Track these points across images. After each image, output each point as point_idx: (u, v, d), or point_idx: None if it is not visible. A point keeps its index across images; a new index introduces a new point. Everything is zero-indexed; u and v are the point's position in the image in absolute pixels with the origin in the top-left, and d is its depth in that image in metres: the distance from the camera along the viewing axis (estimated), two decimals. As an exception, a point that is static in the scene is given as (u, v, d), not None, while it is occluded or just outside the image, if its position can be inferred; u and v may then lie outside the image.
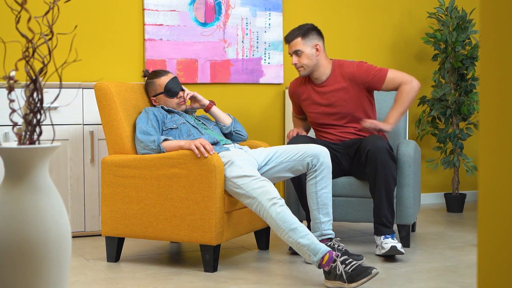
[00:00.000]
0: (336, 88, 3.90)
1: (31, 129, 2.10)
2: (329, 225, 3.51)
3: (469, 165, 5.16)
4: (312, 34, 3.87)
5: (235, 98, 4.96)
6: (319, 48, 3.87)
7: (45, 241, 2.04)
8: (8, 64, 4.33)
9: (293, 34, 3.88)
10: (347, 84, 3.88)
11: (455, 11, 5.08)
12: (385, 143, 3.61)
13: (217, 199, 3.30)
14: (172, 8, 4.71)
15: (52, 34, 2.12)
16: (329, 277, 3.03)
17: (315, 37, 3.88)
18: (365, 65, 3.90)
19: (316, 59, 3.87)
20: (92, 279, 3.24)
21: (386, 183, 3.60)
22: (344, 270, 2.98)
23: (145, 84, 3.82)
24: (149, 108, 3.64)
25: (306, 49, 3.85)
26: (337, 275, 2.99)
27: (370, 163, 3.61)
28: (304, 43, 3.85)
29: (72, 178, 4.15)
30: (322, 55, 3.89)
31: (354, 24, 5.28)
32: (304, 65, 3.87)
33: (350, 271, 2.98)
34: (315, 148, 3.50)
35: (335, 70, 3.92)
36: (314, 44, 3.87)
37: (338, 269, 2.99)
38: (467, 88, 5.14)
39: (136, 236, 3.47)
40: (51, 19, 4.46)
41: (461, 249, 3.86)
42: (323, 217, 3.49)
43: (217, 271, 3.38)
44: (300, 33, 3.86)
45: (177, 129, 3.61)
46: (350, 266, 2.99)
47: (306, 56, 3.86)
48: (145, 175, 3.43)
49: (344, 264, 3.01)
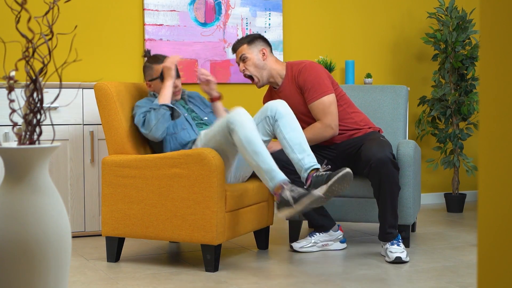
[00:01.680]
0: (290, 91, 3.83)
1: (31, 129, 2.11)
2: (309, 159, 3.38)
3: (469, 165, 5.16)
4: (258, 41, 3.85)
5: (235, 98, 4.96)
6: (265, 52, 3.84)
7: (45, 241, 2.04)
8: (8, 64, 4.33)
9: (239, 42, 3.86)
10: (296, 87, 3.82)
11: (455, 11, 5.08)
12: (387, 152, 3.54)
13: (218, 199, 3.30)
14: (172, 8, 4.71)
15: (52, 34, 2.12)
16: (279, 207, 3.23)
17: (261, 44, 3.86)
18: (309, 73, 3.77)
19: (263, 64, 3.83)
20: (92, 279, 3.25)
21: (392, 193, 3.55)
22: (290, 196, 3.17)
23: (143, 67, 3.77)
24: (142, 100, 3.63)
25: (252, 53, 3.82)
26: (285, 201, 3.19)
27: (374, 175, 3.55)
28: (249, 48, 3.83)
29: (72, 178, 4.15)
30: (269, 59, 3.85)
31: (354, 24, 5.28)
32: (251, 73, 3.83)
33: (297, 196, 3.17)
34: (272, 102, 3.48)
35: (288, 72, 3.85)
36: (260, 49, 3.84)
37: (286, 196, 3.19)
38: (467, 88, 5.14)
39: (137, 236, 3.47)
40: (51, 19, 4.46)
41: (461, 249, 3.86)
42: (299, 154, 3.39)
43: (218, 271, 3.39)
44: (246, 41, 3.85)
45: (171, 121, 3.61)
46: (297, 192, 3.18)
47: (252, 61, 3.82)
48: (145, 175, 3.43)
49: (291, 191, 3.19)
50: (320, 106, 3.73)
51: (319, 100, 3.74)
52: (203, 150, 3.33)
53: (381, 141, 3.64)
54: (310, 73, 3.77)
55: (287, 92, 3.85)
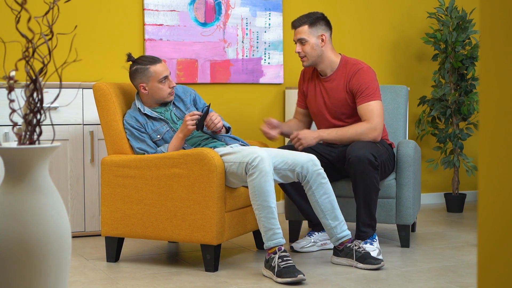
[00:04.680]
0: (337, 86, 3.81)
1: (31, 129, 2.10)
2: (342, 227, 3.47)
3: (469, 165, 5.16)
4: (320, 23, 3.78)
5: (235, 98, 4.96)
6: (324, 38, 3.77)
7: (45, 241, 2.04)
8: (8, 64, 4.33)
9: (300, 21, 3.78)
10: (345, 85, 3.78)
11: (455, 11, 5.08)
12: (367, 151, 3.51)
13: (218, 198, 3.30)
14: (172, 8, 4.71)
15: (52, 34, 2.12)
16: (265, 266, 3.27)
17: (323, 27, 3.78)
18: (365, 77, 3.75)
19: (321, 50, 3.77)
20: (92, 279, 3.24)
21: (366, 192, 3.53)
22: (278, 263, 3.19)
23: (134, 70, 3.58)
24: (127, 120, 3.56)
25: (312, 38, 3.76)
26: (271, 266, 3.21)
27: (351, 172, 3.55)
28: (310, 32, 3.76)
29: (72, 178, 4.14)
30: (327, 46, 3.79)
31: (354, 24, 5.28)
32: (307, 54, 3.78)
33: (282, 267, 3.17)
34: (303, 158, 3.45)
35: (341, 67, 3.81)
36: (320, 34, 3.77)
37: (274, 261, 3.20)
38: (467, 88, 5.14)
39: (137, 236, 3.47)
40: (51, 19, 4.46)
41: (461, 249, 3.86)
42: (332, 222, 3.46)
43: (217, 271, 3.39)
44: (308, 21, 3.76)
45: (162, 140, 3.57)
46: (285, 262, 3.19)
47: (310, 45, 3.76)
48: (145, 175, 3.43)
49: (281, 259, 3.20)
50: (370, 107, 3.69)
51: (372, 102, 3.70)
52: (202, 150, 3.33)
53: (369, 143, 3.61)
54: (367, 76, 3.74)
55: (334, 85, 3.81)
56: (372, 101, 3.70)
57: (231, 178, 3.37)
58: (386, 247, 3.91)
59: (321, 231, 3.83)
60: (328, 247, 3.83)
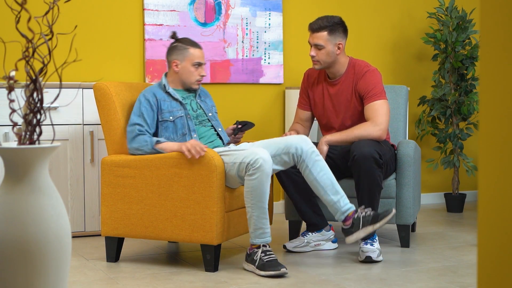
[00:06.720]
0: (345, 89, 3.81)
1: (31, 129, 2.11)
2: (344, 200, 3.46)
3: (469, 165, 5.16)
4: (338, 31, 3.76)
5: (235, 98, 4.96)
6: (341, 47, 3.77)
7: (45, 241, 2.04)
8: (8, 64, 4.33)
9: (320, 26, 3.75)
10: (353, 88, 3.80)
11: (455, 11, 5.08)
12: (373, 149, 3.53)
13: (218, 198, 3.30)
14: (172, 8, 4.71)
15: (52, 34, 2.12)
16: (247, 259, 3.36)
17: (341, 35, 3.77)
18: (372, 78, 3.76)
19: (335, 57, 3.77)
20: (92, 279, 3.25)
21: (370, 190, 3.55)
22: (260, 257, 3.29)
23: (174, 47, 3.63)
24: (144, 93, 3.57)
25: (329, 46, 3.75)
26: (253, 260, 3.31)
27: (355, 169, 3.56)
28: (328, 39, 3.75)
29: (72, 178, 4.15)
30: (342, 54, 3.80)
31: (354, 24, 5.29)
32: (321, 60, 3.77)
33: (265, 260, 3.27)
34: (294, 139, 3.47)
35: (349, 70, 3.82)
36: (337, 42, 3.76)
37: (257, 255, 3.31)
38: (467, 88, 5.14)
39: (137, 236, 3.47)
40: (51, 19, 4.46)
41: (461, 249, 3.86)
42: (334, 196, 3.45)
43: (217, 271, 3.39)
44: (328, 28, 3.75)
45: (173, 123, 3.54)
46: (268, 257, 3.29)
47: (326, 52, 3.75)
48: (145, 175, 3.43)
49: (264, 253, 3.30)
50: (375, 107, 3.70)
51: (377, 102, 3.71)
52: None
53: (373, 141, 3.62)
54: (375, 77, 3.76)
55: (342, 88, 3.82)
56: (377, 101, 3.71)
57: (231, 178, 3.38)
58: (386, 247, 3.91)
59: (315, 231, 3.81)
60: (322, 248, 3.81)
